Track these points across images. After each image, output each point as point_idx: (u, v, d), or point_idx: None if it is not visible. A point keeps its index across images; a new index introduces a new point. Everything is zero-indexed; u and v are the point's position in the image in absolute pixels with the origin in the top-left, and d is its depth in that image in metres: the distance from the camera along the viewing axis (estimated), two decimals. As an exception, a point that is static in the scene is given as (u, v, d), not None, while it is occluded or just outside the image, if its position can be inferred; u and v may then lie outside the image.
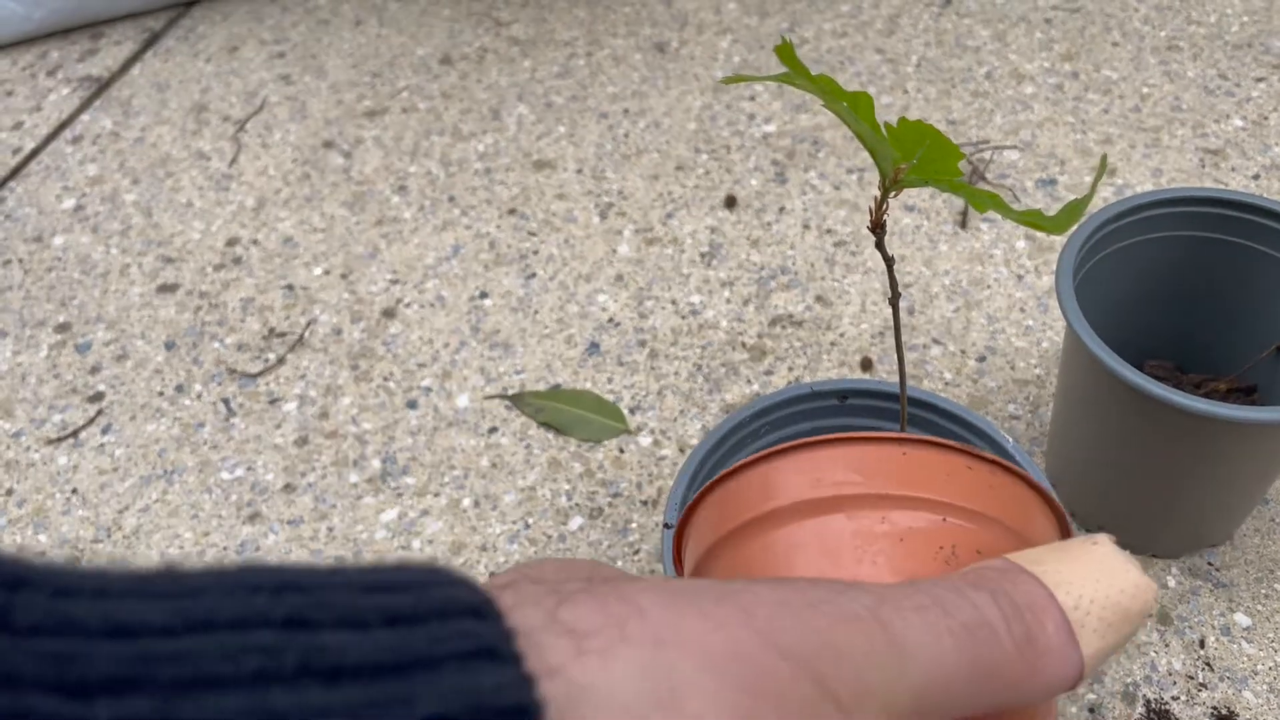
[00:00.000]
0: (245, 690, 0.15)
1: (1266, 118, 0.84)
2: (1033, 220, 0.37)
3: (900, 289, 0.73)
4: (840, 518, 0.30)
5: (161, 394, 0.72)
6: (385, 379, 0.72)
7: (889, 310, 0.72)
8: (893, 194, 0.36)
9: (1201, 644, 0.55)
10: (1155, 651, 0.55)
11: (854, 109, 0.37)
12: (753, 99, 0.90)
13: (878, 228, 0.37)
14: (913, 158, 0.38)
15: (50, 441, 0.70)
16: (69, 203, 0.88)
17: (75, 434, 0.70)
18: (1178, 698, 0.53)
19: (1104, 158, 0.36)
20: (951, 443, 0.31)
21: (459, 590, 0.18)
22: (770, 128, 0.88)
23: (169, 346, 0.76)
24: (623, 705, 0.18)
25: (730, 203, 0.82)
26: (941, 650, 0.21)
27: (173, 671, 0.15)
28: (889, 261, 0.39)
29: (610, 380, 0.70)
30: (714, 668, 0.19)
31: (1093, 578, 0.25)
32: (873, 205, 0.37)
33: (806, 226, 0.79)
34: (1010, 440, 0.48)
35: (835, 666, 0.20)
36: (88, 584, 0.16)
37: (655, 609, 0.20)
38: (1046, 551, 0.26)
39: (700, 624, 0.19)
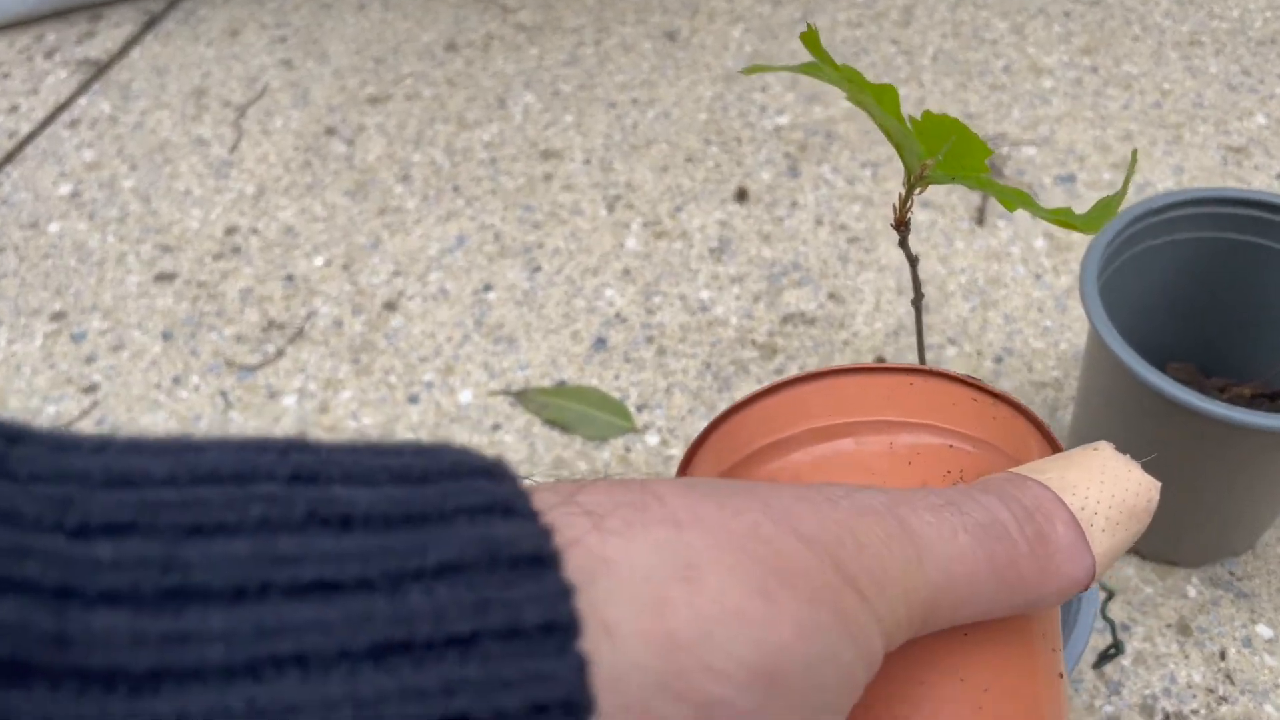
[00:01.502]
0: (251, 535, 0.15)
1: (1290, 115, 0.82)
2: (1063, 219, 0.35)
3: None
4: (848, 442, 0.30)
5: (158, 385, 0.71)
6: (386, 373, 0.70)
7: (904, 309, 0.70)
8: (919, 190, 0.35)
9: (1222, 656, 0.54)
10: (1175, 663, 0.53)
11: (879, 102, 0.35)
12: (764, 90, 0.89)
13: (902, 225, 0.36)
14: (938, 153, 0.36)
15: (44, 433, 0.68)
16: (65, 188, 0.87)
17: (69, 425, 0.69)
18: (1197, 711, 0.52)
19: (1134, 153, 0.34)
20: (956, 374, 0.31)
21: (471, 455, 0.18)
22: (783, 119, 0.86)
23: (166, 337, 0.74)
24: (643, 576, 0.18)
25: (741, 196, 0.80)
26: (958, 546, 0.21)
27: (176, 517, 0.15)
28: (913, 261, 0.37)
29: (617, 377, 0.69)
30: (734, 545, 0.19)
31: (1096, 480, 0.25)
32: (896, 202, 0.36)
33: (819, 222, 0.77)
34: (1032, 447, 0.47)
35: (856, 554, 0.20)
36: (87, 442, 0.15)
37: (673, 497, 0.19)
38: (1049, 462, 0.26)
39: (719, 511, 0.19)
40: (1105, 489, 0.25)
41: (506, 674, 0.16)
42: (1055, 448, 0.32)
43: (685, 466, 0.34)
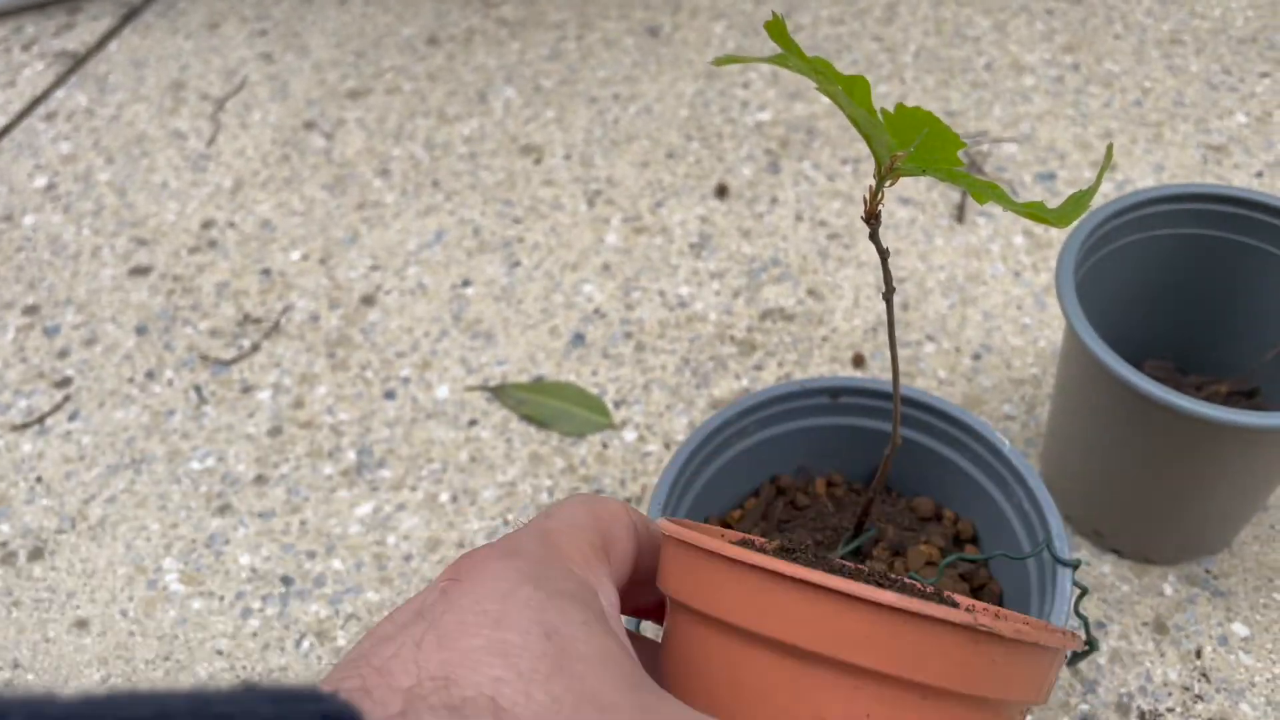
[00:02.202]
0: None
1: (1270, 114, 0.82)
2: (1035, 213, 0.35)
3: (895, 284, 0.71)
4: (818, 691, 0.25)
5: (131, 380, 0.70)
6: (363, 368, 0.70)
7: (883, 305, 0.70)
8: (889, 183, 0.34)
9: (1198, 654, 0.54)
10: (1151, 661, 0.53)
11: (849, 93, 0.35)
12: (746, 86, 0.88)
13: (872, 218, 0.36)
14: (910, 145, 0.36)
15: (15, 428, 0.68)
16: (40, 181, 0.86)
17: (41, 420, 0.68)
18: (1173, 709, 0.52)
19: (1110, 147, 0.34)
20: (961, 616, 0.25)
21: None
22: (764, 115, 0.86)
23: (140, 331, 0.73)
24: None
25: (721, 192, 0.79)
26: None
27: None
28: (884, 255, 0.37)
29: (595, 373, 0.68)
30: None
31: None
32: (867, 195, 0.35)
33: (799, 218, 0.77)
34: (1006, 443, 0.46)
35: None
36: None
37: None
38: None
39: None
40: None
41: None
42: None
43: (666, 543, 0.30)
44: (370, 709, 0.22)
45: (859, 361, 0.67)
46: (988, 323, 0.69)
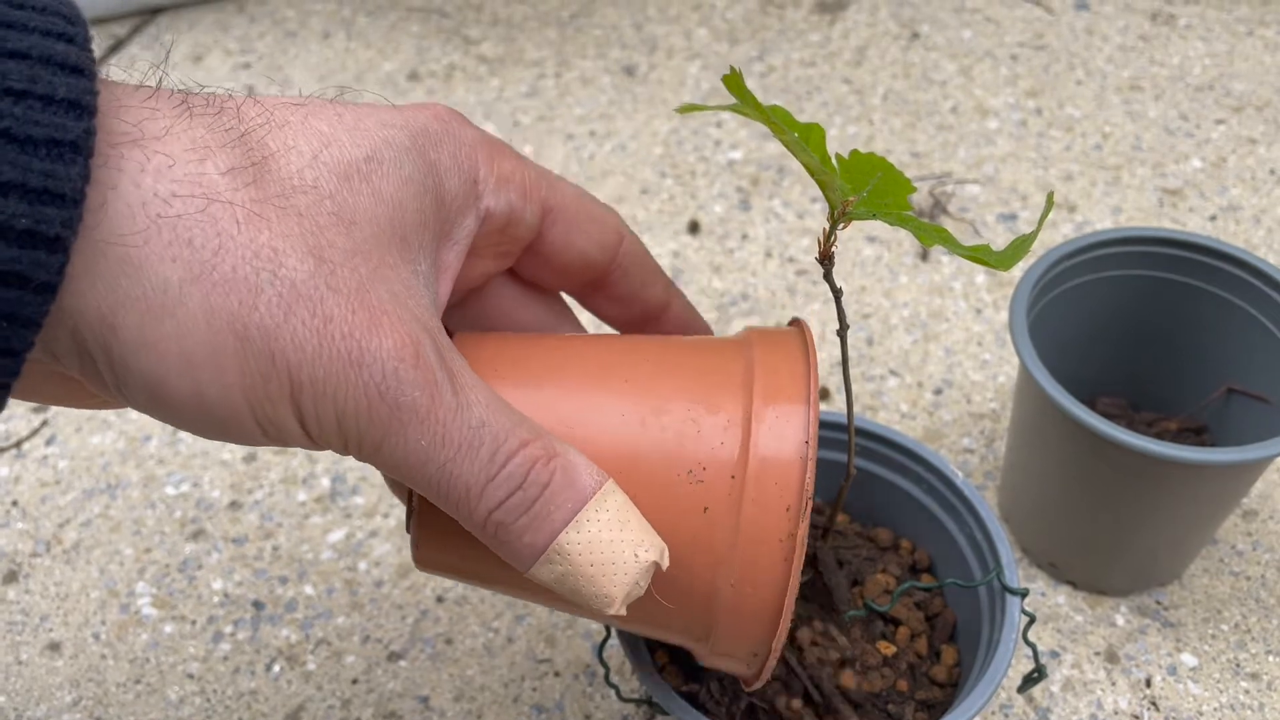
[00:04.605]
0: None
1: (1225, 159, 0.85)
2: (980, 256, 0.37)
3: (859, 320, 0.73)
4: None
5: (108, 406, 0.71)
6: (338, 396, 0.71)
7: (840, 340, 0.72)
8: (841, 226, 0.36)
9: (1148, 683, 0.55)
10: (1102, 690, 0.55)
11: (805, 140, 0.37)
12: (719, 125, 0.91)
13: (825, 259, 0.37)
14: (863, 190, 0.37)
15: (-9, 452, 0.68)
16: (23, 208, 0.87)
17: (18, 445, 0.69)
18: (1123, 737, 0.53)
19: (1050, 195, 0.36)
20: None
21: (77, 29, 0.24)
22: (736, 154, 0.88)
23: (118, 357, 0.74)
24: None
25: (694, 228, 0.81)
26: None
27: None
28: (837, 294, 0.39)
29: (566, 403, 0.70)
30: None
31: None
32: (820, 237, 0.37)
33: (769, 254, 0.79)
34: (960, 475, 0.48)
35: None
36: None
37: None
38: None
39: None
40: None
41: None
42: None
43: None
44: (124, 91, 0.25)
45: (824, 395, 0.69)
46: (949, 358, 0.71)
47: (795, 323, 0.39)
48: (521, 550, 0.29)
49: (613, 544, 0.29)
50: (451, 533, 0.32)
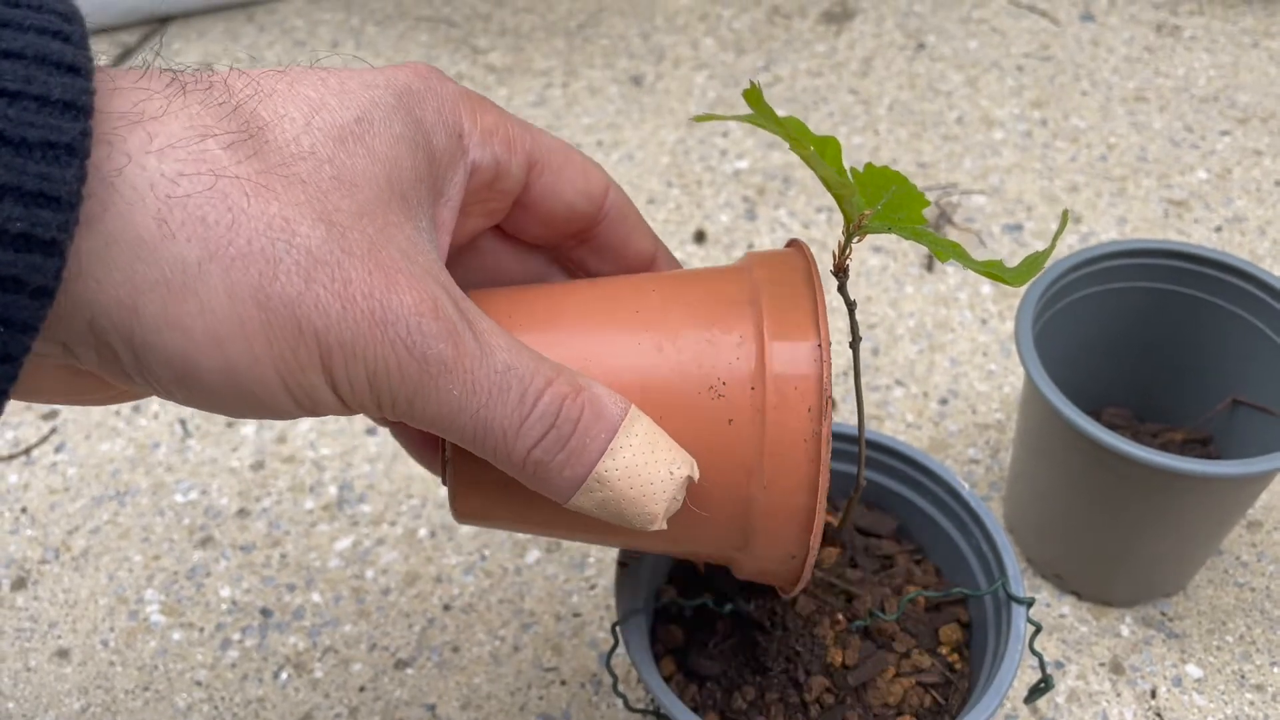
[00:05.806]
0: None
1: (1230, 171, 0.85)
2: (993, 272, 0.37)
3: (864, 331, 0.73)
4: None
5: (117, 413, 0.71)
6: (346, 404, 0.71)
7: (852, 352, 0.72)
8: (857, 239, 0.37)
9: (1153, 695, 0.55)
10: (1107, 701, 0.55)
11: (821, 153, 0.37)
12: (726, 135, 0.91)
13: (840, 271, 0.38)
14: (878, 203, 0.38)
15: (2, 459, 0.69)
16: (32, 215, 0.87)
17: (28, 451, 0.69)
18: (1129, 748, 0.53)
19: (1065, 213, 0.36)
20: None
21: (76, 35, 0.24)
22: (743, 164, 0.88)
23: (127, 364, 0.74)
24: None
25: (700, 237, 0.82)
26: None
27: None
28: (850, 306, 0.39)
29: (573, 412, 0.70)
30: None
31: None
32: (836, 249, 0.37)
33: (775, 264, 0.79)
34: (966, 487, 0.48)
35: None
36: None
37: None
38: None
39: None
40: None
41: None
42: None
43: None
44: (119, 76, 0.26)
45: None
46: (955, 369, 0.71)
47: (793, 243, 0.39)
48: (561, 484, 0.30)
49: (647, 465, 0.30)
50: (486, 480, 0.33)
